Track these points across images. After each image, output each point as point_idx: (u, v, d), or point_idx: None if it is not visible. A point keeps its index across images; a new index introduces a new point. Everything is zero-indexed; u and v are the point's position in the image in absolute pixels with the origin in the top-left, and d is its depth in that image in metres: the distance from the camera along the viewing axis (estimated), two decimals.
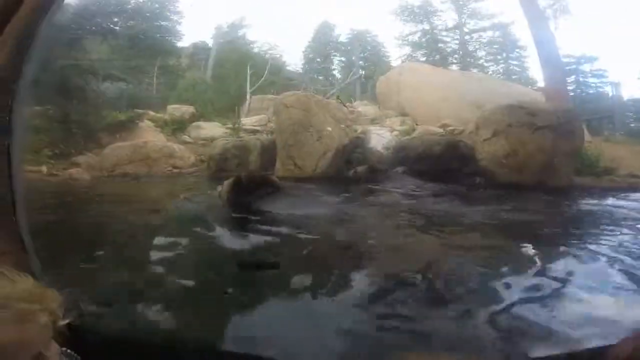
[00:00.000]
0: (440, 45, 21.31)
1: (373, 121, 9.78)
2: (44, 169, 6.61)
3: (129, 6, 10.41)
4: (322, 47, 21.79)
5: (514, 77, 18.69)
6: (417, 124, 9.07)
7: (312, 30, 22.33)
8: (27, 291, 0.58)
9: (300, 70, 20.56)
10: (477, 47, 21.13)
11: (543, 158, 6.01)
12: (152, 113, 10.03)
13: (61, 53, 7.53)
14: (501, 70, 20.17)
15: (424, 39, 21.21)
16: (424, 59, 19.20)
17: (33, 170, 6.32)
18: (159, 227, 3.53)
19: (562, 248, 2.77)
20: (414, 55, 20.38)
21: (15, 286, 0.58)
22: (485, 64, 21.13)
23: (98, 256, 2.47)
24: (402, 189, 5.41)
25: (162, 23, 13.85)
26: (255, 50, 18.74)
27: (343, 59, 22.33)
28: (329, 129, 6.79)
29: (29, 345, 0.56)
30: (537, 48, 8.19)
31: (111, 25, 9.80)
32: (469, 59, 20.92)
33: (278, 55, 19.19)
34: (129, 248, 2.79)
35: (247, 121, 9.84)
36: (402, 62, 18.39)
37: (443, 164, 6.47)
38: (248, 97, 12.23)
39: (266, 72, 14.08)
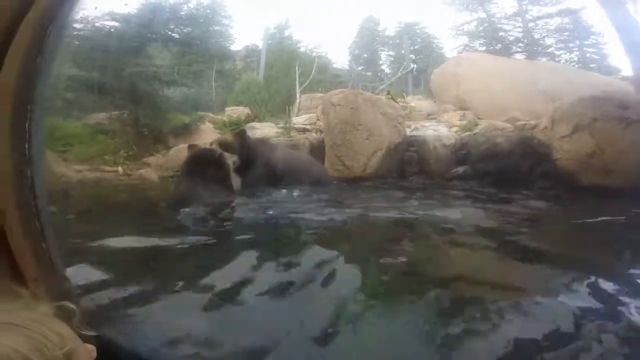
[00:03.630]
0: (501, 34, 19.79)
1: (428, 116, 9.09)
2: (120, 169, 7.05)
3: (183, 13, 10.84)
4: (368, 42, 21.32)
5: (592, 65, 16.58)
6: (479, 118, 8.23)
7: (357, 26, 21.87)
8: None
9: (347, 67, 20.24)
10: (544, 34, 19.41)
11: (638, 157, 5.04)
12: (212, 115, 10.39)
13: (129, 61, 8.00)
14: (575, 59, 18.10)
15: (481, 28, 19.88)
16: (483, 48, 17.82)
17: (111, 170, 6.83)
18: None
19: None
20: (471, 45, 19.09)
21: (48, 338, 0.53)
22: (556, 52, 19.18)
23: None
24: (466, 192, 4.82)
25: (215, 28, 14.37)
26: (302, 49, 18.85)
27: (392, 53, 21.62)
28: (379, 125, 6.38)
29: None
30: (618, 34, 6.94)
31: (169, 33, 10.26)
32: (535, 48, 19.13)
33: (324, 53, 19.19)
34: None
35: (298, 120, 9.76)
36: (459, 53, 17.20)
37: (512, 163, 5.73)
38: (298, 96, 12.21)
39: (313, 70, 14.00)
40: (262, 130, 9.40)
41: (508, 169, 5.65)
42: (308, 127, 9.51)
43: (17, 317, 0.52)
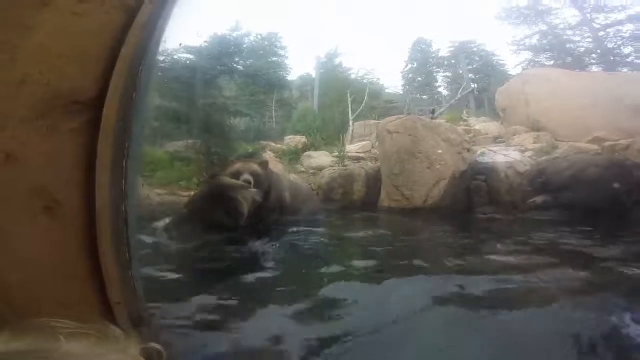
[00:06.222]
0: (569, 45, 18.26)
1: (496, 140, 8.39)
2: (192, 194, 7.47)
3: (245, 45, 11.63)
4: (421, 64, 20.92)
5: None
6: (557, 140, 7.36)
7: (408, 49, 21.65)
8: None
9: (401, 92, 19.93)
10: (618, 43, 17.45)
11: None
12: (273, 144, 10.76)
13: (202, 92, 8.68)
14: None
15: (545, 41, 18.53)
16: (551, 63, 16.47)
17: (185, 195, 7.22)
18: None
19: None
20: (536, 60, 17.75)
21: None
22: (638, 61, 17.09)
23: None
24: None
25: (273, 59, 15.08)
26: (353, 76, 19.04)
27: (448, 74, 20.92)
28: (440, 151, 5.97)
29: None
30: None
31: (235, 65, 11.02)
32: (612, 58, 17.28)
33: (376, 80, 19.13)
34: None
35: (351, 149, 9.67)
36: (524, 69, 16.07)
37: (602, 191, 4.93)
38: (351, 124, 12.19)
39: (366, 97, 13.97)
40: (318, 159, 9.45)
41: (599, 198, 4.87)
42: (362, 155, 9.33)
43: None
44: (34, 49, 0.90)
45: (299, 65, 29.91)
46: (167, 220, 3.44)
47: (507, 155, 6.03)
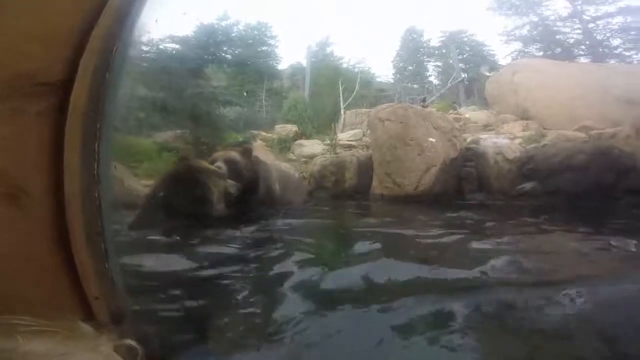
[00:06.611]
0: (558, 37, 18.40)
1: (486, 128, 8.49)
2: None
3: (234, 34, 11.42)
4: (412, 54, 20.81)
5: None
6: (545, 129, 7.46)
7: (399, 38, 21.53)
8: None
9: (392, 81, 19.88)
10: (607, 35, 17.65)
11: None
12: (263, 133, 10.71)
13: (190, 82, 8.51)
14: None
15: (535, 32, 18.65)
16: (540, 53, 16.61)
17: None
18: None
19: None
20: (526, 50, 17.87)
21: None
22: (626, 53, 17.35)
23: None
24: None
25: (263, 48, 14.85)
26: (344, 65, 18.87)
27: (439, 63, 20.87)
28: (432, 140, 5.99)
29: None
30: None
31: (223, 54, 10.82)
32: (601, 49, 17.49)
33: (367, 68, 18.97)
34: None
35: (343, 137, 9.66)
36: (513, 59, 16.17)
37: (590, 177, 5.04)
38: (342, 112, 12.15)
39: (357, 86, 13.90)
40: (310, 147, 9.42)
41: (586, 185, 4.97)
42: (354, 143, 9.33)
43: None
44: (0, 29, 0.85)
45: (290, 54, 29.53)
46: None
47: (497, 143, 6.09)
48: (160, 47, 9.32)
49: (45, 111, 0.87)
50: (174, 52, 9.39)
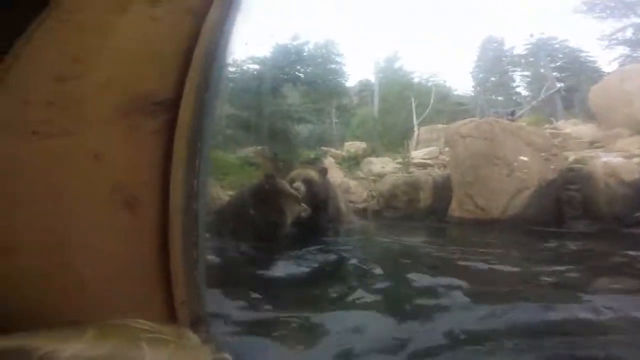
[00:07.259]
0: None
1: (592, 145, 7.33)
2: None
3: (305, 54, 11.91)
4: (493, 64, 19.36)
5: None
6: None
7: (476, 48, 20.21)
8: None
9: (471, 94, 18.63)
10: None
11: None
12: (333, 150, 10.92)
13: (268, 101, 9.15)
14: None
15: None
16: None
17: None
18: None
19: None
20: (634, 55, 15.43)
21: None
22: None
23: None
24: None
25: (332, 66, 15.21)
26: (416, 80, 18.33)
27: (527, 73, 19.03)
28: (524, 158, 5.32)
29: None
30: None
31: (296, 73, 11.39)
32: None
33: (442, 82, 18.13)
34: None
35: (417, 154, 9.25)
36: (620, 65, 13.97)
37: None
38: (415, 129, 11.73)
39: (431, 100, 13.31)
40: (380, 165, 9.21)
41: None
42: (429, 161, 8.85)
43: None
44: (115, 52, 0.96)
45: (358, 71, 29.68)
46: None
47: (608, 162, 5.14)
48: (244, 67, 10.16)
49: (157, 129, 0.95)
50: (255, 72, 10.14)
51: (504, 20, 31.63)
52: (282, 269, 2.84)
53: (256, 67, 10.27)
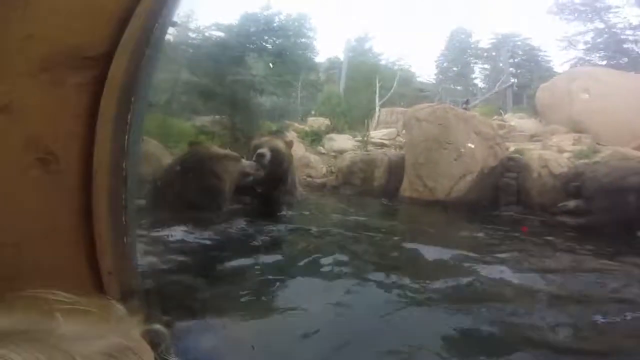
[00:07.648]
0: (626, 46, 16.95)
1: (532, 138, 7.95)
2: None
3: (275, 24, 11.49)
4: (458, 54, 19.98)
5: None
6: (599, 144, 6.85)
7: (445, 38, 20.71)
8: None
9: (433, 81, 19.21)
10: None
11: None
12: (296, 124, 10.80)
13: (231, 69, 8.72)
14: None
15: (600, 39, 17.30)
16: (603, 62, 15.34)
17: None
18: None
19: None
20: (587, 58, 16.57)
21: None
22: None
23: None
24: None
25: (302, 40, 14.83)
26: (383, 62, 18.48)
27: (486, 66, 19.93)
28: (471, 145, 5.68)
29: None
30: None
31: (264, 43, 10.94)
32: None
33: (407, 66, 18.49)
34: None
35: (376, 134, 9.47)
36: (571, 66, 15.04)
37: None
38: (377, 109, 11.91)
39: (395, 83, 13.55)
40: (341, 142, 9.33)
41: (636, 210, 4.50)
42: (386, 142, 9.10)
43: (113, 346, 0.47)
44: (46, 4, 0.88)
45: (328, 47, 29.19)
46: None
47: (543, 155, 5.65)
48: (206, 34, 9.56)
49: (85, 83, 0.90)
50: (219, 39, 9.59)
51: (477, 14, 32.46)
52: None
53: (221, 34, 9.71)
